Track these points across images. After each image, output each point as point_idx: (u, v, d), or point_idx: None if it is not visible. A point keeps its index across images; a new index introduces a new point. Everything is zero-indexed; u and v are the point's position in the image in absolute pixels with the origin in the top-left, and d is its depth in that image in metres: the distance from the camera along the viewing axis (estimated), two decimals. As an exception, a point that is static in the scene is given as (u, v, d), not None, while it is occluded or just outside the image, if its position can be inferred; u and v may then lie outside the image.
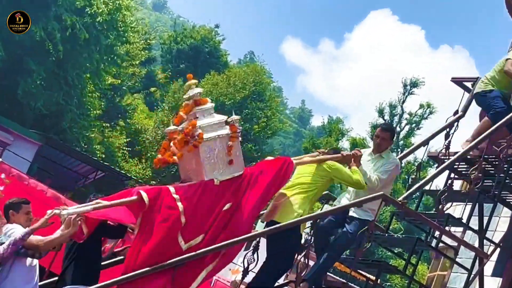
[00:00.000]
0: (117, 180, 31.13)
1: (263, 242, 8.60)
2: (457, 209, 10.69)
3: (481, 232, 10.12)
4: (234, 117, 7.88)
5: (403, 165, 34.11)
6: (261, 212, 8.33)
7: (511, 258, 9.86)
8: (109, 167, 31.24)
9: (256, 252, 8.60)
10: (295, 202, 8.15)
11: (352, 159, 8.62)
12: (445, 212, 9.14)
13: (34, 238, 7.57)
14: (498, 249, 10.15)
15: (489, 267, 10.96)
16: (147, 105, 47.42)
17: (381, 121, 47.30)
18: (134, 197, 7.30)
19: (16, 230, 7.63)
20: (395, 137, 9.70)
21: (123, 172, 33.54)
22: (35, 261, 7.92)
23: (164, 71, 53.04)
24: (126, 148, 36.84)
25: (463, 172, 10.18)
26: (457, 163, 9.82)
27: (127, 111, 41.48)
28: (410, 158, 43.11)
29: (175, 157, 7.81)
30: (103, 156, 34.62)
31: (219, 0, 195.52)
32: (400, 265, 12.93)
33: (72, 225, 7.30)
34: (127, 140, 37.32)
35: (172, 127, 7.86)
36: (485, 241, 10.11)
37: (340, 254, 8.85)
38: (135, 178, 33.45)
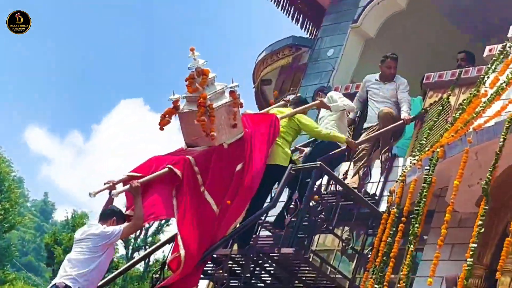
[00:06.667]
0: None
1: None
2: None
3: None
4: (234, 84, 7.95)
5: (151, 262, 32.32)
6: None
7: None
8: None
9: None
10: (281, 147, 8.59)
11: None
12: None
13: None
14: None
15: None
16: None
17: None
18: (166, 169, 7.58)
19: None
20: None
21: None
22: None
23: None
24: None
25: (209, 271, 8.71)
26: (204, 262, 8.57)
27: None
28: (159, 255, 31.90)
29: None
30: None
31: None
32: None
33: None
34: None
35: (175, 96, 7.81)
36: None
37: None
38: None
